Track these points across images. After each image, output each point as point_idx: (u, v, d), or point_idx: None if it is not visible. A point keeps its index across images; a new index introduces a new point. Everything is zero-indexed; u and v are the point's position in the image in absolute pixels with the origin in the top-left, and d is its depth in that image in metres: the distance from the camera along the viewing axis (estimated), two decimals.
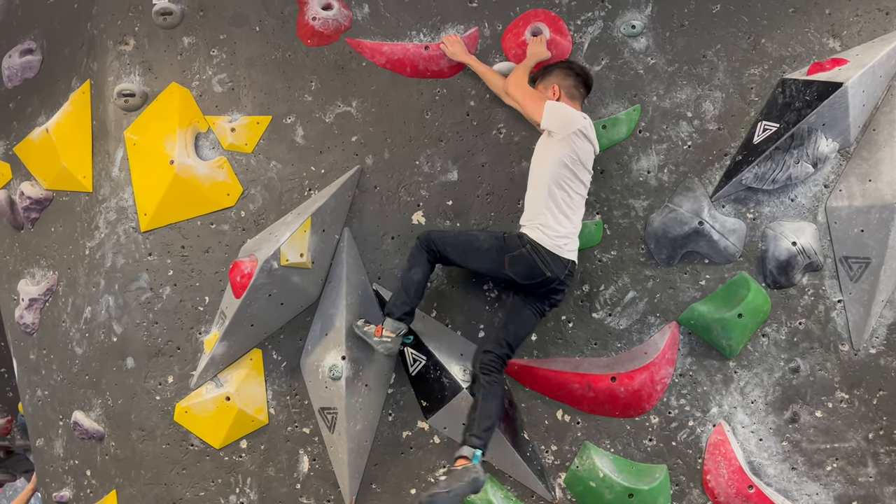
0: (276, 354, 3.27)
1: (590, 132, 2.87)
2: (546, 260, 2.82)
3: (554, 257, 2.82)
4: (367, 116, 3.28)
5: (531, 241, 2.83)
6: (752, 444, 3.10)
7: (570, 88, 2.99)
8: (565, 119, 2.85)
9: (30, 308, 3.65)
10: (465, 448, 2.77)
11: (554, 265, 2.82)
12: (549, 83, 3.00)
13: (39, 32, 3.71)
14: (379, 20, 3.30)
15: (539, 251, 2.82)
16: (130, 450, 3.32)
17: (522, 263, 2.84)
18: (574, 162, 2.83)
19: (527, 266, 2.84)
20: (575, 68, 3.03)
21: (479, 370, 2.93)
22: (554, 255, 2.82)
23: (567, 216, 2.85)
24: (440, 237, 2.97)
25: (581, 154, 2.84)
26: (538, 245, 2.82)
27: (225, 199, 3.28)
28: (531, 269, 2.83)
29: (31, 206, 3.62)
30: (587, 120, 2.89)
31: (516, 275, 2.87)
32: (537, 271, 2.83)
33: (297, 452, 3.27)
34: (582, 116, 2.88)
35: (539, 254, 2.82)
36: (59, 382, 3.58)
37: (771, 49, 3.11)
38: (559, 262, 2.83)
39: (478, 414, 2.85)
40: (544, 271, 2.82)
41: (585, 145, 2.85)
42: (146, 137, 3.29)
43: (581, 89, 3.02)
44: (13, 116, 3.79)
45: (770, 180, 3.02)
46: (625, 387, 3.05)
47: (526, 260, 2.83)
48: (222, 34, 3.34)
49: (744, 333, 3.04)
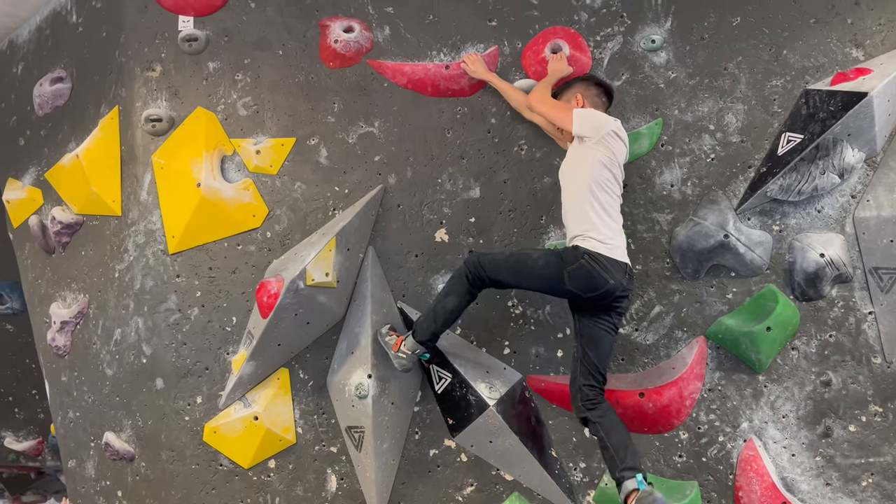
0: (302, 373, 3.29)
1: (622, 132, 2.87)
2: (606, 267, 2.70)
3: (613, 263, 2.72)
4: (390, 136, 3.32)
5: (587, 252, 2.72)
6: (784, 460, 3.06)
7: (594, 98, 3.00)
8: (597, 121, 2.84)
9: (61, 331, 3.72)
10: (626, 484, 2.56)
11: (615, 271, 2.71)
12: (572, 94, 3.01)
13: (69, 61, 3.80)
14: (399, 41, 3.34)
15: (597, 260, 2.70)
16: (161, 470, 3.35)
17: (584, 276, 2.71)
18: (612, 162, 2.80)
19: (588, 278, 2.71)
20: (596, 79, 3.05)
21: (585, 408, 2.77)
22: (613, 261, 2.72)
23: (612, 217, 2.80)
24: (491, 262, 2.84)
25: (617, 154, 2.83)
26: (595, 254, 2.71)
27: (251, 220, 3.32)
28: (593, 279, 2.70)
29: (62, 230, 3.70)
30: (617, 121, 2.88)
31: (579, 289, 2.74)
32: (600, 281, 2.70)
33: (324, 472, 3.28)
34: (612, 118, 2.89)
35: (598, 262, 2.70)
36: (90, 404, 3.63)
37: (793, 60, 3.10)
38: (618, 268, 2.73)
39: (612, 450, 2.68)
40: (607, 280, 2.70)
41: (619, 145, 2.84)
42: (173, 161, 3.35)
43: (603, 98, 3.02)
44: (44, 143, 3.88)
45: (796, 192, 2.99)
46: (653, 402, 3.02)
47: (586, 271, 2.70)
48: (246, 58, 3.40)
49: (773, 347, 3.01)
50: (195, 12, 3.42)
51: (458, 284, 2.88)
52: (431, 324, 2.92)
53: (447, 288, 2.93)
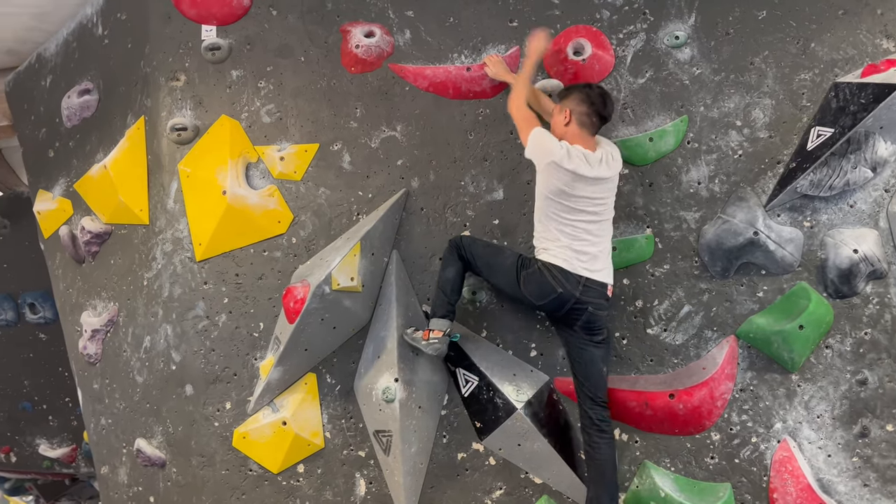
0: (330, 378, 3.30)
1: (568, 163, 2.76)
2: (557, 277, 2.81)
3: (566, 274, 2.81)
4: (412, 140, 3.32)
5: (544, 262, 2.86)
6: (820, 461, 2.99)
7: (582, 116, 2.89)
8: (540, 150, 2.82)
9: (92, 339, 3.77)
10: None
11: (567, 282, 2.80)
12: (565, 106, 2.93)
13: (96, 73, 3.86)
14: (420, 45, 3.34)
15: (550, 269, 2.82)
16: (191, 476, 3.38)
17: (534, 282, 2.86)
18: (557, 193, 2.80)
19: (538, 284, 2.85)
20: (592, 97, 2.90)
21: (582, 431, 2.98)
22: (566, 272, 2.81)
23: (574, 239, 2.83)
24: (470, 244, 3.05)
25: (561, 185, 2.78)
26: (550, 264, 2.83)
27: (276, 226, 3.34)
28: (542, 286, 2.84)
29: (92, 240, 3.75)
30: (564, 150, 2.77)
31: (531, 295, 2.88)
32: (548, 288, 2.82)
33: (353, 476, 3.28)
34: (559, 147, 2.78)
35: (550, 271, 2.82)
36: (121, 411, 3.67)
37: (821, 53, 3.04)
38: (572, 279, 2.81)
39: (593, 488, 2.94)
40: (556, 288, 2.80)
41: (563, 176, 2.77)
42: (199, 169, 3.38)
43: (594, 118, 2.90)
44: (73, 154, 3.94)
45: (827, 187, 2.93)
46: (683, 404, 2.98)
47: (537, 277, 2.85)
48: (269, 66, 3.42)
49: (806, 346, 2.95)
50: (218, 21, 3.45)
51: (450, 257, 3.08)
52: (443, 297, 3.05)
53: (442, 265, 3.11)
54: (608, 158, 2.87)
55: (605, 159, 2.86)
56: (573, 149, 2.80)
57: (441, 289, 3.06)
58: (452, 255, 3.07)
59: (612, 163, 2.89)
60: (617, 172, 2.93)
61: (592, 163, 2.81)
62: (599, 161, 2.83)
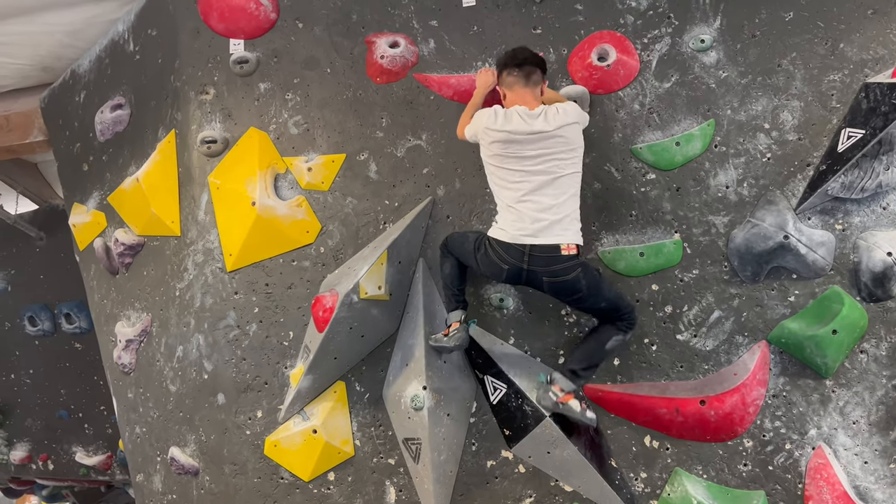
0: (359, 386, 3.33)
1: (494, 123, 2.83)
2: (498, 251, 2.83)
3: (506, 246, 2.81)
4: (437, 148, 3.33)
5: (487, 237, 2.89)
6: (856, 468, 2.94)
7: (506, 79, 2.94)
8: (475, 127, 2.94)
9: (126, 349, 3.84)
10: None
11: (508, 254, 2.80)
12: (499, 87, 3.03)
13: (128, 88, 3.94)
14: (445, 54, 3.36)
15: (492, 244, 2.85)
16: (224, 484, 3.43)
17: (485, 262, 2.90)
18: (491, 155, 2.87)
19: (488, 263, 2.89)
20: (501, 60, 2.98)
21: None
22: (506, 245, 2.81)
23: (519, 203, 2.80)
24: (450, 239, 3.14)
25: (492, 146, 2.84)
26: (492, 239, 2.86)
27: (305, 236, 3.38)
28: (491, 265, 2.87)
29: (125, 251, 3.83)
30: (492, 112, 2.87)
31: (490, 275, 2.97)
32: (496, 266, 2.85)
33: (383, 484, 3.29)
34: (488, 112, 2.88)
35: (492, 247, 2.85)
36: (155, 419, 3.73)
37: (850, 53, 3.00)
38: (513, 250, 2.80)
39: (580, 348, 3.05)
40: (500, 264, 2.83)
41: (491, 134, 2.84)
42: (229, 181, 3.44)
43: (515, 71, 2.91)
44: (106, 168, 4.03)
45: (858, 189, 2.89)
46: (715, 410, 2.95)
47: (485, 257, 2.88)
48: (296, 78, 3.47)
49: (840, 350, 2.90)
50: (245, 35, 3.51)
51: (443, 257, 3.16)
52: (450, 290, 3.12)
53: (439, 264, 3.19)
54: (550, 113, 2.83)
55: (545, 114, 2.83)
56: (502, 109, 2.88)
57: (445, 285, 3.14)
58: (443, 254, 3.15)
59: (553, 117, 2.81)
60: (563, 125, 2.80)
61: (527, 118, 2.82)
62: (536, 115, 2.82)
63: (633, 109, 3.17)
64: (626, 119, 3.17)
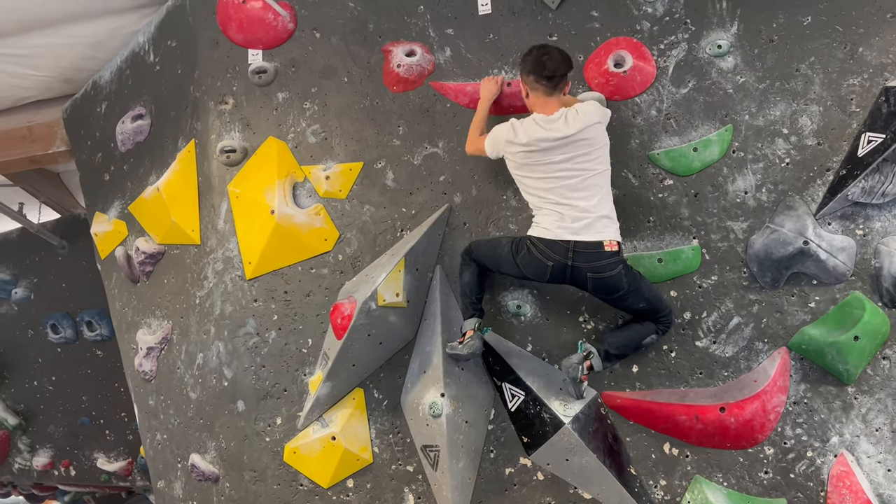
0: (377, 393, 3.34)
1: (516, 136, 2.87)
2: (542, 249, 2.83)
3: (551, 243, 2.81)
4: (454, 156, 3.35)
5: (530, 237, 2.88)
6: (879, 476, 2.90)
7: (532, 84, 2.96)
8: (496, 145, 2.98)
9: (147, 356, 3.88)
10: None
11: (553, 251, 2.81)
12: (521, 80, 3.03)
13: (148, 98, 4.00)
14: (461, 62, 3.37)
15: (535, 243, 2.85)
16: (244, 490, 3.45)
17: (529, 262, 2.88)
18: (518, 166, 2.91)
19: (532, 263, 2.87)
20: (532, 64, 2.93)
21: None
22: (550, 242, 2.81)
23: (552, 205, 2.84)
24: (475, 246, 3.11)
25: (517, 158, 2.89)
26: (535, 238, 2.86)
27: (323, 244, 3.40)
28: (535, 264, 2.86)
29: (146, 260, 3.87)
30: (510, 126, 2.91)
31: (533, 276, 2.93)
32: (540, 264, 2.84)
33: (402, 491, 3.30)
34: (505, 127, 2.93)
35: (535, 246, 2.85)
36: (176, 426, 3.77)
37: (870, 57, 2.97)
38: (558, 247, 2.80)
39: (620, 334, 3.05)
40: (545, 261, 2.82)
41: (514, 148, 2.89)
42: (248, 190, 3.47)
43: (541, 81, 2.93)
44: (127, 178, 4.09)
45: (879, 194, 2.86)
46: (735, 417, 2.92)
47: (528, 257, 2.87)
48: (313, 87, 3.50)
49: (862, 357, 2.87)
50: (263, 45, 3.55)
51: (464, 264, 3.15)
52: (465, 299, 3.14)
53: (460, 271, 3.18)
54: (570, 116, 2.85)
55: (565, 118, 2.85)
56: (519, 122, 2.91)
57: (463, 293, 3.14)
58: (465, 261, 3.15)
59: (573, 119, 2.83)
60: (584, 126, 2.81)
61: (546, 125, 2.84)
62: (555, 120, 2.85)
63: (650, 115, 3.16)
64: (643, 125, 3.17)
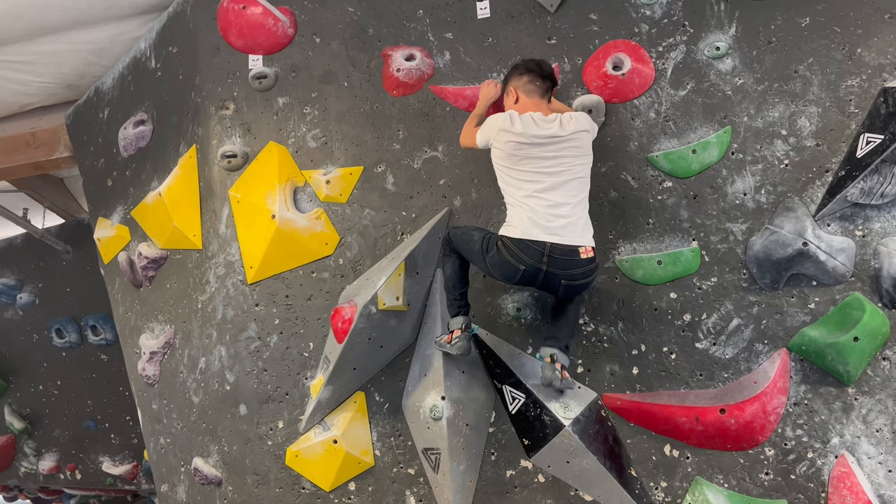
0: (378, 396, 3.35)
1: (512, 126, 2.83)
2: (514, 251, 2.73)
3: (524, 244, 2.72)
4: (454, 159, 3.36)
5: (501, 237, 2.80)
6: (880, 476, 2.90)
7: (526, 85, 2.97)
8: (488, 131, 2.93)
9: (150, 360, 3.90)
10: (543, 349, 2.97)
11: (526, 254, 2.71)
12: (508, 89, 3.04)
13: (150, 104, 4.02)
14: (460, 65, 3.39)
15: (507, 244, 2.75)
16: (247, 494, 3.46)
17: (497, 264, 2.80)
18: (504, 156, 2.86)
19: (501, 265, 2.78)
20: (528, 66, 2.98)
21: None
22: (524, 242, 2.72)
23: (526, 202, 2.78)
24: (454, 233, 3.06)
25: (507, 147, 2.84)
26: (506, 238, 2.77)
27: (324, 248, 3.42)
28: (504, 266, 2.77)
29: (148, 265, 3.89)
30: (507, 116, 2.87)
31: (502, 278, 2.85)
32: (511, 268, 2.75)
33: (403, 494, 3.31)
34: (503, 116, 2.88)
35: (507, 247, 2.75)
36: (179, 430, 3.78)
37: (868, 58, 2.97)
38: (532, 249, 2.71)
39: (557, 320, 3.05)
40: (517, 265, 2.73)
41: (507, 137, 2.84)
42: (249, 195, 3.49)
43: (538, 82, 2.96)
44: (129, 183, 4.11)
45: (878, 194, 2.86)
46: (735, 419, 2.93)
47: (498, 258, 2.78)
48: (314, 92, 3.51)
49: (862, 358, 2.87)
50: (264, 51, 3.57)
51: (446, 256, 3.11)
52: (450, 295, 3.11)
53: (442, 263, 3.15)
54: (564, 119, 2.88)
55: (560, 120, 2.87)
56: (518, 115, 2.88)
57: (447, 288, 3.11)
58: (445, 252, 3.11)
59: (567, 122, 2.87)
60: (577, 131, 2.86)
61: (542, 123, 2.85)
62: (551, 121, 2.87)
63: (649, 118, 3.17)
64: (642, 127, 3.17)
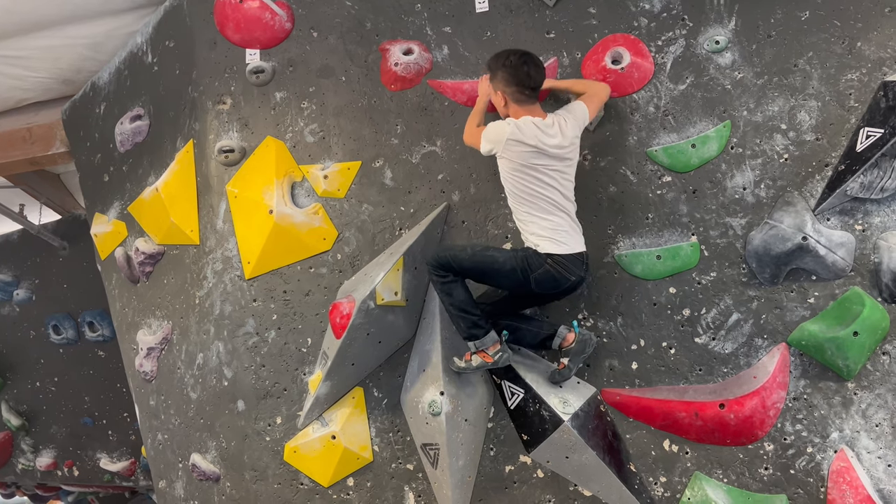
0: (376, 392, 3.34)
1: (522, 136, 2.81)
2: (567, 266, 2.87)
3: (572, 259, 2.88)
4: (452, 154, 3.35)
5: (550, 255, 2.86)
6: (879, 471, 2.90)
7: (515, 94, 2.94)
8: (494, 138, 2.88)
9: (148, 356, 3.89)
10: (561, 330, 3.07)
11: (574, 267, 2.89)
12: (497, 88, 2.99)
13: (146, 99, 4.00)
14: (458, 60, 3.37)
15: (557, 261, 2.86)
16: (245, 490, 3.46)
17: (548, 279, 2.88)
18: (518, 168, 2.85)
19: (553, 280, 2.88)
20: (516, 74, 2.90)
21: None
22: (572, 258, 2.88)
23: (552, 212, 2.87)
24: (455, 258, 2.95)
25: (520, 158, 2.83)
26: (556, 256, 2.86)
27: (322, 243, 3.40)
28: (557, 281, 2.89)
29: (146, 260, 3.88)
30: (512, 125, 2.84)
31: (545, 290, 2.94)
32: (563, 280, 2.89)
33: (402, 489, 3.30)
34: (507, 124, 2.85)
35: (560, 264, 2.86)
36: (176, 426, 3.77)
37: (868, 52, 2.97)
38: (577, 262, 2.89)
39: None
40: (569, 278, 2.89)
41: (520, 148, 2.82)
42: (246, 190, 3.47)
43: (526, 92, 2.93)
44: (126, 178, 4.09)
45: (878, 189, 2.86)
46: (734, 413, 2.92)
47: (550, 275, 2.87)
48: (311, 87, 3.50)
49: (861, 352, 2.86)
50: (261, 45, 3.55)
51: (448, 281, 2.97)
52: (472, 317, 2.96)
53: (444, 290, 2.98)
54: (561, 125, 2.89)
55: (558, 125, 2.88)
56: (520, 121, 2.87)
57: (462, 313, 2.96)
58: (448, 279, 2.96)
59: (564, 128, 2.89)
60: (575, 136, 2.93)
61: (546, 130, 2.86)
62: (552, 126, 2.87)
63: (648, 112, 3.16)
64: (641, 122, 3.16)
